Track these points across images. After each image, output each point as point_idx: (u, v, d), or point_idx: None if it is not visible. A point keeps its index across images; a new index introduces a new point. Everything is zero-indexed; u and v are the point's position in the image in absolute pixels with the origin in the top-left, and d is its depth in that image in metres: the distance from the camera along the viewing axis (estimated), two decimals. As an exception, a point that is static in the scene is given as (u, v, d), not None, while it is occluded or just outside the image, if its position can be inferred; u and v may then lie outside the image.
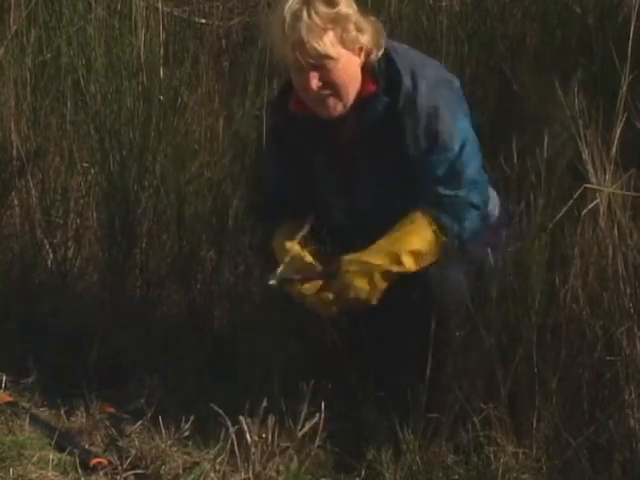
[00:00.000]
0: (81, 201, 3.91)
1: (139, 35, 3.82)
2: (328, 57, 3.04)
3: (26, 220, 3.87)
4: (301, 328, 3.30)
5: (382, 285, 3.06)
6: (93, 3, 3.93)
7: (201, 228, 3.74)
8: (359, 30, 3.06)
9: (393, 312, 3.12)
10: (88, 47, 3.84)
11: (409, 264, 3.05)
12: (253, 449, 3.00)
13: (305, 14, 3.00)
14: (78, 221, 3.88)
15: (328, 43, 3.02)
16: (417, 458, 3.05)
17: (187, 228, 3.73)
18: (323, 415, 3.01)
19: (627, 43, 3.18)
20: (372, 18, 3.13)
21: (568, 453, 3.01)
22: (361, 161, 3.15)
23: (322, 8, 3.02)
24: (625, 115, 3.05)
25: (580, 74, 3.19)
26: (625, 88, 3.06)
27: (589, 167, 2.99)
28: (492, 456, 3.01)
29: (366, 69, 3.10)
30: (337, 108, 3.09)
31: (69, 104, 3.95)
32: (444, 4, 4.05)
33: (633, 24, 3.20)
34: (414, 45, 3.89)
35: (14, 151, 3.87)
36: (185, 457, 3.10)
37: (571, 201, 3.00)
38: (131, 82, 3.77)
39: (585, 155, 2.99)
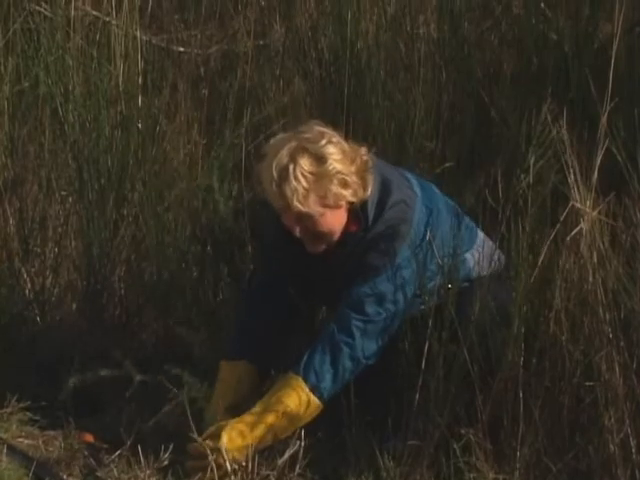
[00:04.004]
0: (59, 230, 3.89)
1: (117, 64, 3.82)
2: (311, 215, 3.08)
3: (4, 249, 3.85)
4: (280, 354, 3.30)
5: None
6: (71, 32, 3.93)
7: (180, 256, 3.73)
8: (343, 186, 3.09)
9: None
10: (66, 76, 3.83)
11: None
12: (233, 477, 2.99)
13: (291, 175, 3.04)
14: (56, 250, 3.87)
15: (311, 204, 3.07)
16: (398, 485, 3.04)
17: (166, 256, 3.72)
18: (303, 442, 3.00)
19: (603, 70, 3.20)
20: (360, 153, 3.13)
21: (548, 479, 3.00)
22: (342, 270, 3.18)
23: (308, 166, 3.06)
24: (605, 142, 3.07)
25: (550, 103, 3.21)
26: (605, 118, 3.07)
27: (574, 192, 3.00)
28: (473, 482, 3.01)
29: (351, 209, 3.14)
30: (319, 248, 3.16)
31: (47, 133, 3.94)
32: (422, 31, 4.07)
33: (614, 52, 3.21)
34: (393, 72, 3.94)
35: (-8, 180, 3.87)
36: (164, 486, 3.09)
37: (558, 225, 3.02)
38: (109, 110, 3.77)
39: (570, 180, 3.00)
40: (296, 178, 3.05)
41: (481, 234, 3.26)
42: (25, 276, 3.82)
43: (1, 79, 3.93)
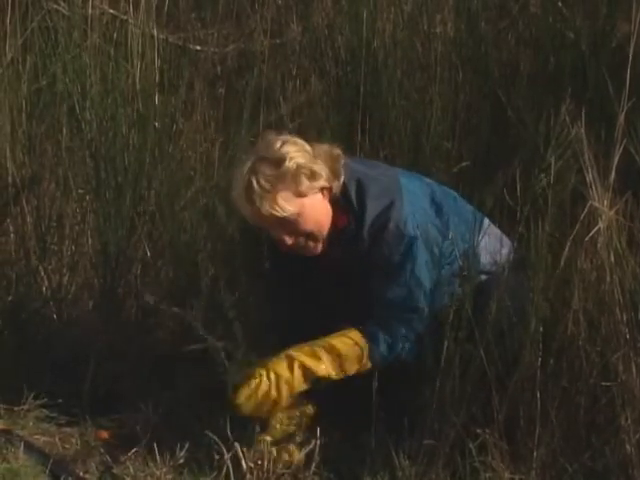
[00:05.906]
0: (76, 227, 3.90)
1: (134, 62, 3.82)
2: (290, 219, 3.08)
3: (21, 247, 3.86)
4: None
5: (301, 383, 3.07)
6: (89, 30, 3.94)
7: (196, 254, 3.73)
8: (311, 177, 3.08)
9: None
10: (83, 74, 3.84)
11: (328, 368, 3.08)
12: (249, 476, 3.00)
13: (255, 186, 3.04)
14: (73, 247, 3.88)
15: (283, 204, 3.06)
16: (413, 484, 3.04)
17: (182, 254, 3.73)
18: (319, 441, 3.00)
19: (620, 69, 3.19)
20: (325, 147, 3.15)
21: (564, 479, 3.00)
22: (350, 272, 3.18)
23: (269, 171, 3.05)
24: (623, 142, 3.06)
25: (569, 103, 3.21)
26: (623, 117, 3.06)
27: (591, 192, 2.99)
28: (489, 482, 3.01)
29: (333, 201, 3.13)
30: (317, 248, 3.15)
31: (64, 131, 3.96)
32: (438, 30, 4.07)
33: (632, 51, 3.20)
34: (409, 71, 3.94)
35: (9, 178, 3.87)
36: (180, 484, 3.09)
37: (578, 225, 3.01)
38: (126, 109, 3.78)
39: (589, 179, 3.00)
40: (261, 186, 3.04)
41: (486, 220, 3.23)
42: (42, 274, 3.84)
43: (19, 77, 3.95)
